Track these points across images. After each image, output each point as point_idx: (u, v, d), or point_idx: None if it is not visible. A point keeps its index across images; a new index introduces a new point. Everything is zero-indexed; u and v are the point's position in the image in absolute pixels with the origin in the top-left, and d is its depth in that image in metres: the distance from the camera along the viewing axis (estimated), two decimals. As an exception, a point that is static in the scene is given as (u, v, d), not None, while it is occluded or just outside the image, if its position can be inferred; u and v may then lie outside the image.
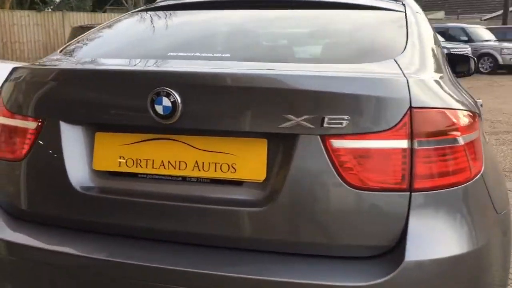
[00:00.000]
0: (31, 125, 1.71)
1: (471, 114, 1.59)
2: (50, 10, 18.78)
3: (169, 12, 2.38)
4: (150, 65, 1.71)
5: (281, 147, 1.50)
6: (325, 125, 1.43)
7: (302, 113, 1.44)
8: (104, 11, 22.25)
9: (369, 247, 1.46)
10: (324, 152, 1.44)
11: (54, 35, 17.98)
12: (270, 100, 1.46)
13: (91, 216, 1.66)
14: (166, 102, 1.50)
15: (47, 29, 17.85)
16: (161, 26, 2.25)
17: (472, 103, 1.73)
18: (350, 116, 1.42)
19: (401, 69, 1.58)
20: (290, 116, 1.44)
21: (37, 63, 1.90)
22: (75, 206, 1.66)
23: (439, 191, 1.45)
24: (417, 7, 2.29)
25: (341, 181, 1.43)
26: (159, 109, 1.51)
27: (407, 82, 1.46)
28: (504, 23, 23.79)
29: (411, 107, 1.43)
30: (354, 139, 1.44)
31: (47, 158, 1.68)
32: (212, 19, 2.23)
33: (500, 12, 26.81)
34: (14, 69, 1.81)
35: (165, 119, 1.52)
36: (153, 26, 2.25)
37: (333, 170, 1.44)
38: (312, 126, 1.44)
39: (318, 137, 1.44)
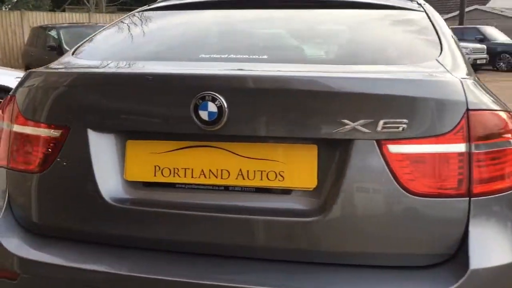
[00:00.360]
0: (54, 133, 1.57)
1: None
2: (7, 9, 18.06)
3: (180, 11, 2.27)
4: (188, 68, 1.60)
5: (333, 152, 1.43)
6: (382, 129, 1.37)
7: (358, 117, 1.37)
8: (63, 10, 21.61)
9: (430, 255, 1.41)
10: (381, 158, 1.38)
11: (12, 35, 17.27)
12: (324, 104, 1.40)
13: (124, 229, 1.55)
14: (211, 107, 1.41)
15: (5, 29, 17.13)
16: (179, 26, 2.13)
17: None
18: (408, 119, 1.37)
19: (448, 70, 1.54)
20: (345, 120, 1.38)
21: (55, 67, 1.76)
22: (106, 219, 1.55)
23: (496, 195, 1.42)
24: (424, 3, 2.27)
25: (400, 188, 1.38)
26: (203, 115, 1.42)
27: (462, 84, 1.42)
28: (461, 23, 24.49)
29: (468, 110, 1.39)
30: (412, 143, 1.39)
31: (73, 169, 1.56)
32: (233, 19, 2.13)
33: (456, 13, 27.63)
34: (30, 73, 1.67)
35: (209, 125, 1.42)
36: (171, 27, 2.13)
37: (391, 176, 1.38)
38: (368, 131, 1.37)
39: (374, 142, 1.38)
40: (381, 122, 1.37)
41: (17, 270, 1.56)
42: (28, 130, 1.61)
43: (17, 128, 1.64)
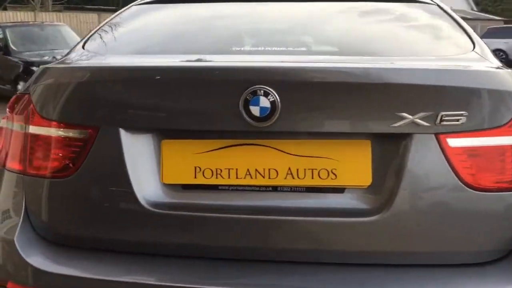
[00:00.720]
0: (81, 134, 1.43)
1: None
2: None
3: (184, 4, 2.14)
4: (228, 61, 1.50)
5: (389, 148, 1.37)
6: (442, 122, 1.33)
7: (417, 110, 1.32)
8: (5, 9, 20.58)
9: (490, 252, 1.38)
10: (441, 152, 1.34)
11: (-49, 35, 16.23)
12: (381, 97, 1.33)
13: (162, 236, 1.43)
14: (264, 102, 1.32)
15: None
16: (193, 18, 2.00)
17: None
18: (467, 112, 1.33)
19: (491, 62, 1.53)
20: (403, 114, 1.32)
21: (74, 62, 1.60)
22: (142, 226, 1.42)
23: None
24: None
25: (460, 183, 1.34)
26: (254, 110, 1.32)
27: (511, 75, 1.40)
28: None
29: None
30: (471, 136, 1.35)
31: (104, 173, 1.42)
32: (251, 11, 2.03)
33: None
34: (45, 70, 1.52)
35: (260, 122, 1.33)
36: (184, 19, 1.99)
37: (451, 171, 1.34)
38: (427, 124, 1.33)
39: (433, 135, 1.34)
40: (440, 115, 1.32)
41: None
42: (50, 131, 1.46)
43: (34, 129, 1.48)
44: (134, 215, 1.41)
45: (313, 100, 1.34)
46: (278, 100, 1.31)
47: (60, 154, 1.45)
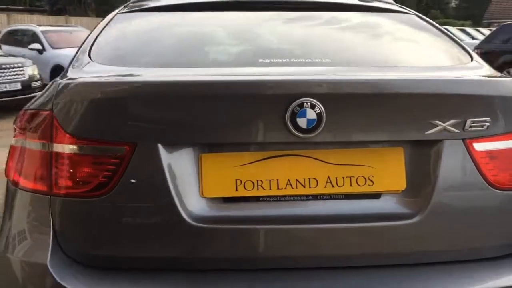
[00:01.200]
0: (117, 151, 1.37)
1: None
2: None
3: (191, 13, 2.08)
4: (271, 74, 1.50)
5: (421, 153, 1.46)
6: (469, 128, 1.44)
7: (448, 117, 1.42)
8: None
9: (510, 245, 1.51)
10: (468, 156, 1.45)
11: None
12: (416, 106, 1.42)
13: (207, 251, 1.41)
14: (310, 114, 1.35)
15: None
16: (204, 29, 1.94)
17: None
18: (491, 118, 1.45)
19: (490, 69, 1.68)
20: (436, 121, 1.42)
21: (99, 76, 1.51)
22: (186, 241, 1.40)
23: None
24: None
25: (486, 183, 1.46)
26: (301, 122, 1.35)
27: None
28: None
29: None
30: (493, 140, 1.47)
31: (144, 189, 1.38)
32: (261, 20, 2.02)
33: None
34: (67, 85, 1.43)
35: (305, 133, 1.36)
36: (196, 29, 1.92)
37: (478, 172, 1.45)
38: (456, 131, 1.43)
39: (461, 141, 1.45)
40: (468, 122, 1.43)
41: None
42: (80, 149, 1.39)
43: (62, 148, 1.40)
44: (177, 231, 1.38)
45: (356, 111, 1.39)
46: (324, 111, 1.35)
47: (94, 173, 1.39)
